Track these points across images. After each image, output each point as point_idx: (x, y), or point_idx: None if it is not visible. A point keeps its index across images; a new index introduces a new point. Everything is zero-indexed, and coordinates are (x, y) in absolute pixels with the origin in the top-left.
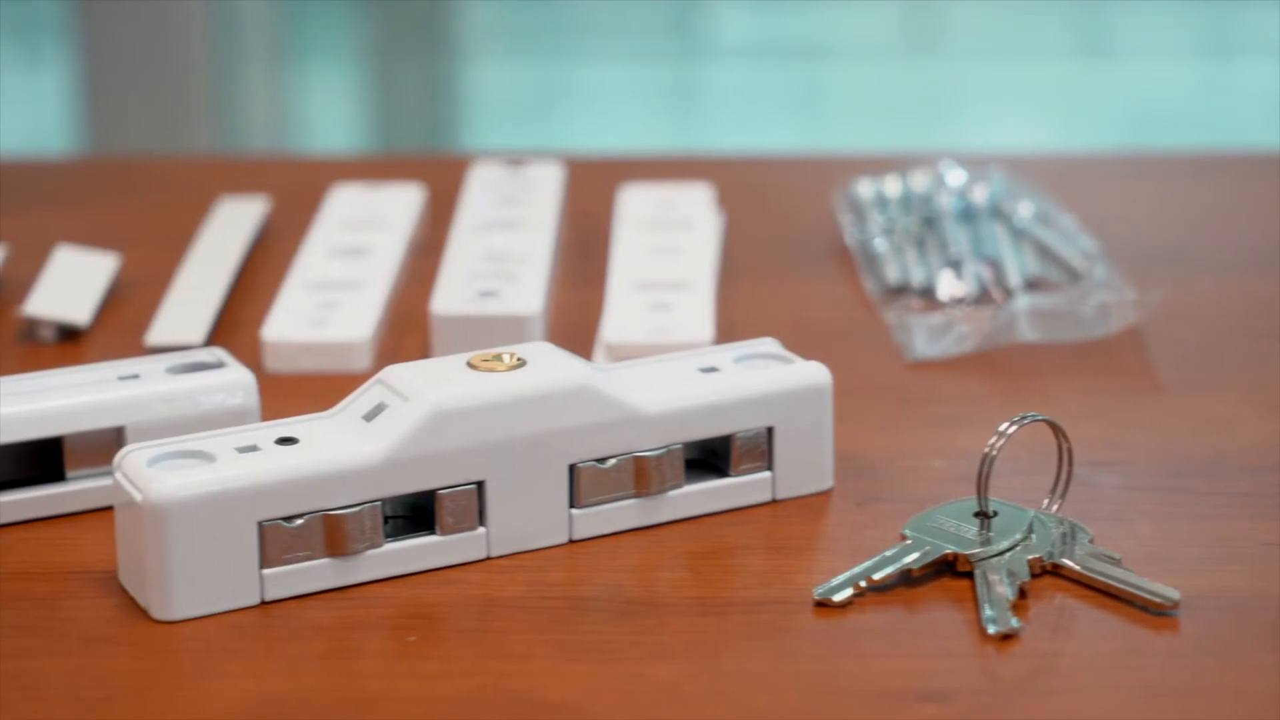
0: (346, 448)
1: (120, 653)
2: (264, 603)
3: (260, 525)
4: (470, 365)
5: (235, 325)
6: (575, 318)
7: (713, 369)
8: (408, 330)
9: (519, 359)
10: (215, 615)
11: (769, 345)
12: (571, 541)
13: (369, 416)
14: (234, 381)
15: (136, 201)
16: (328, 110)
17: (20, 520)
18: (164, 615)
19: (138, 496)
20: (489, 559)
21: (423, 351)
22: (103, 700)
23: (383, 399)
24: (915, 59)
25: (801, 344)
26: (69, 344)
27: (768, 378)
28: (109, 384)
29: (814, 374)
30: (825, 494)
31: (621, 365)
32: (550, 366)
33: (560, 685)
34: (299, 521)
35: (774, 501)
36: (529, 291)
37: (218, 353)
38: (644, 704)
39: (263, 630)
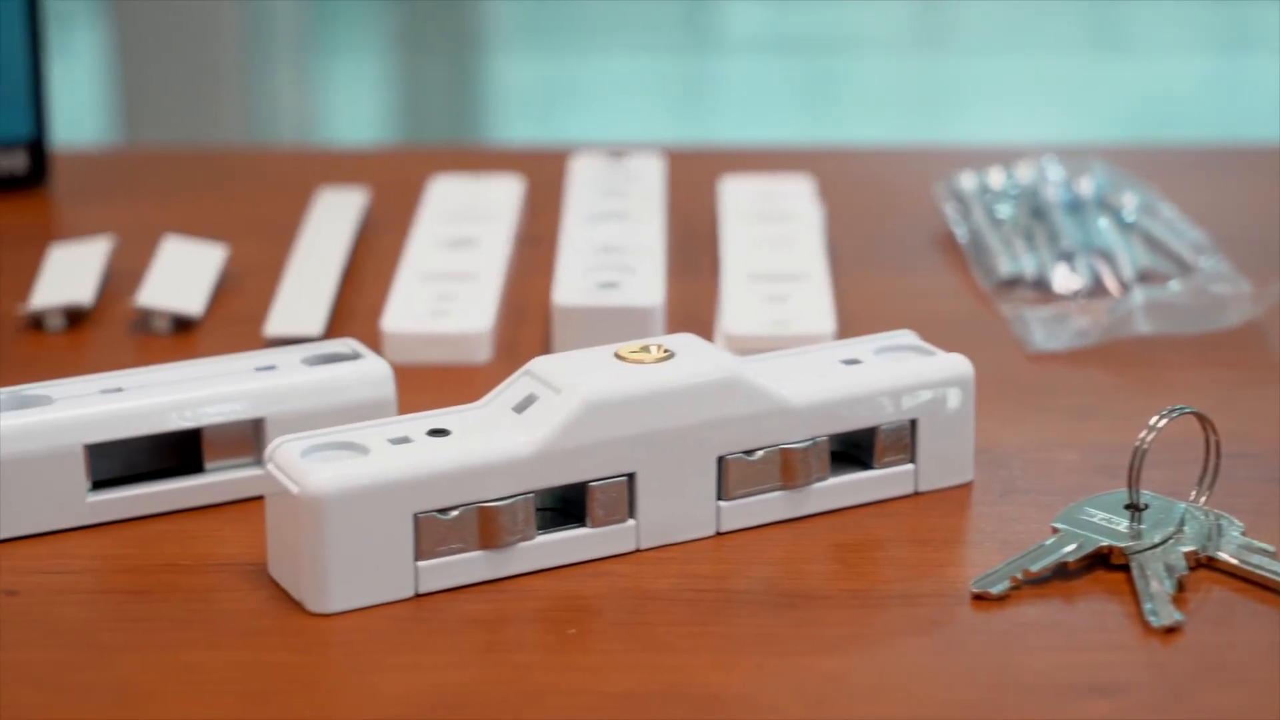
0: (499, 439)
1: (279, 645)
2: (418, 595)
3: (415, 517)
4: (618, 357)
5: (349, 316)
6: (689, 309)
7: (854, 361)
8: (523, 321)
9: (666, 350)
10: (370, 608)
11: (907, 337)
12: (719, 534)
13: (519, 408)
14: (372, 373)
15: (225, 192)
16: (353, 102)
17: (160, 512)
18: (319, 608)
19: (294, 489)
20: (638, 551)
21: (541, 343)
22: (267, 693)
23: (532, 390)
24: (926, 53)
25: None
26: (182, 335)
27: (911, 370)
28: (247, 375)
29: (956, 366)
30: (965, 486)
31: (764, 357)
32: (698, 358)
33: (725, 679)
34: (454, 514)
35: (916, 494)
36: (649, 283)
37: (352, 343)
38: (813, 698)
39: (419, 623)
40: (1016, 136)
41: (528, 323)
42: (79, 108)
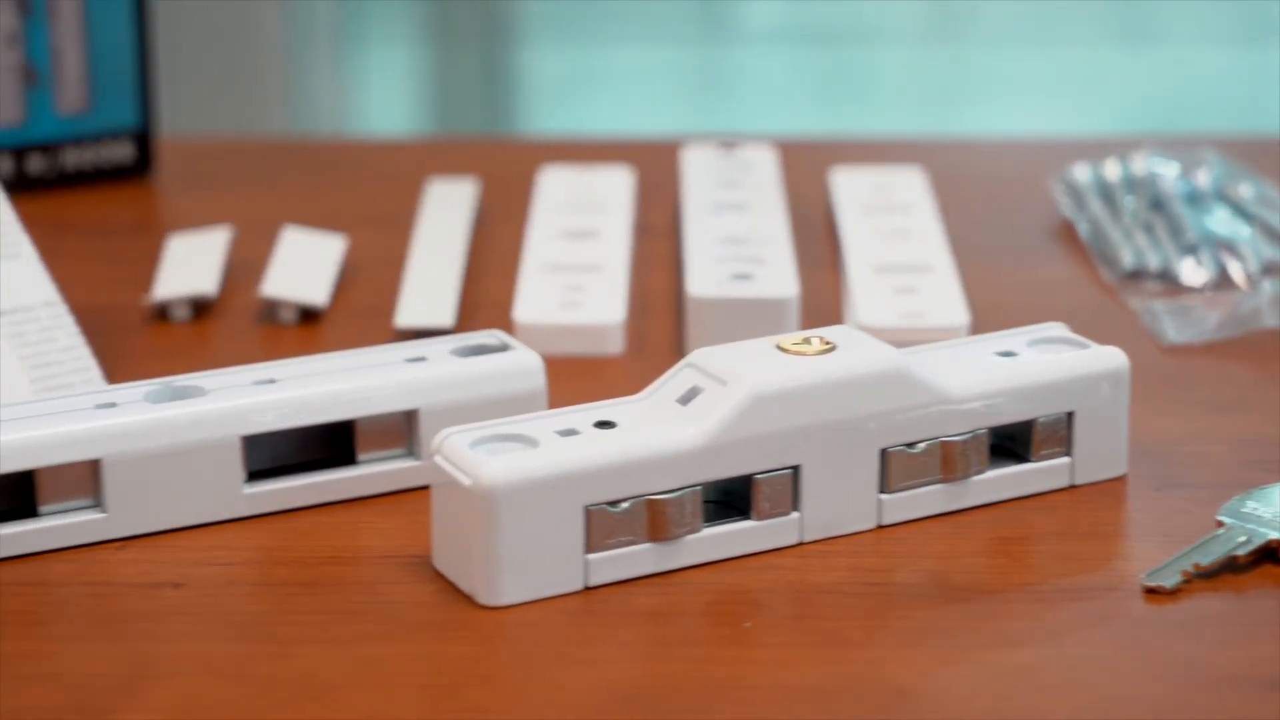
0: (667, 432)
1: (454, 638)
2: (587, 588)
3: (586, 510)
4: (780, 349)
5: (475, 307)
6: (815, 300)
7: (1009, 354)
8: (651, 312)
9: (827, 342)
10: (539, 601)
11: (1058, 329)
12: (879, 527)
13: (684, 400)
14: (523, 364)
15: (326, 182)
16: (385, 93)
17: (314, 504)
18: (491, 601)
19: (466, 481)
20: (800, 544)
21: (671, 334)
22: (450, 687)
23: (696, 382)
24: (945, 44)
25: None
26: (308, 326)
27: (1068, 362)
28: (399, 367)
29: (1112, 358)
30: (1120, 479)
31: (920, 349)
32: (861, 350)
33: (909, 673)
34: (624, 506)
35: (1071, 487)
36: (783, 274)
37: (500, 335)
38: (1000, 693)
39: (590, 616)
40: (1041, 128)
41: (654, 314)
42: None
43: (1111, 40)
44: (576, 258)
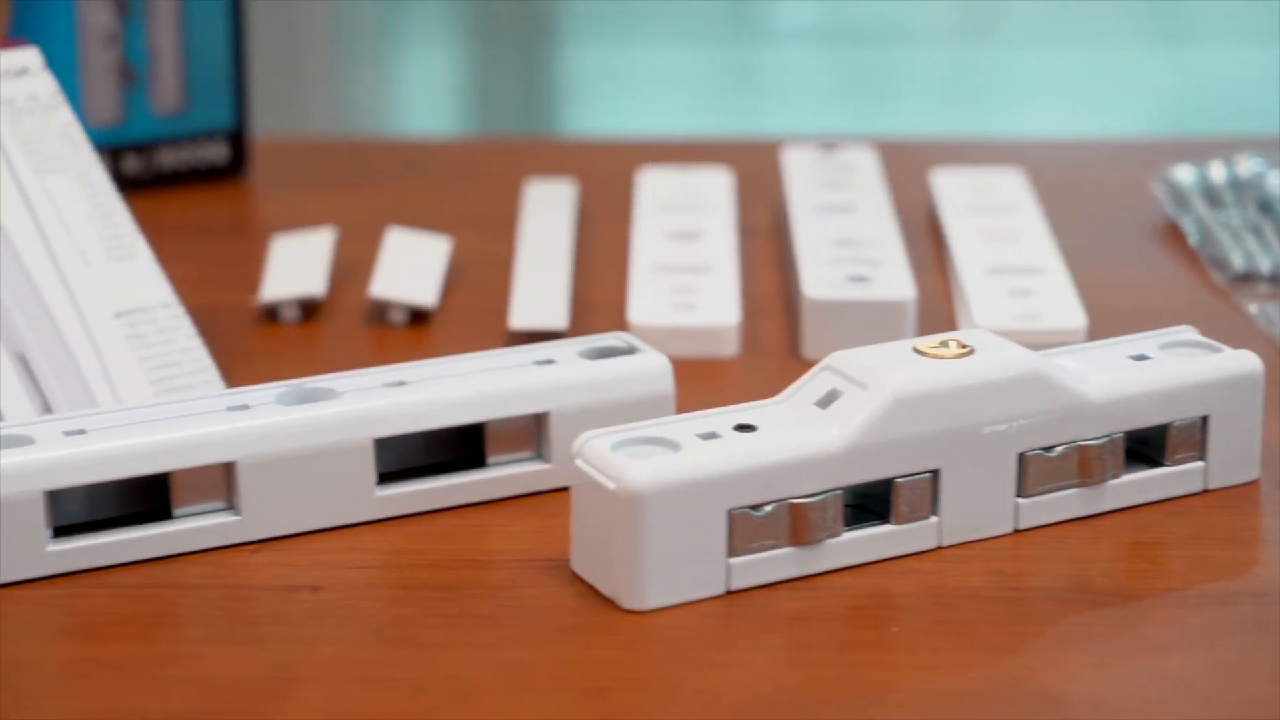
0: (808, 435)
1: (599, 643)
2: (728, 592)
3: (729, 513)
4: (918, 351)
5: (583, 309)
6: (925, 302)
7: (1142, 357)
8: (761, 314)
9: (964, 346)
10: (682, 605)
11: (1188, 333)
12: (1016, 531)
13: (823, 403)
14: (652, 367)
15: (420, 182)
16: (424, 92)
17: (443, 507)
18: (635, 604)
19: (610, 485)
20: (938, 549)
21: (785, 336)
22: (599, 691)
23: (835, 385)
24: (975, 43)
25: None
26: (419, 327)
27: (1202, 366)
28: (528, 370)
29: (1246, 362)
30: (1252, 484)
31: (1053, 353)
32: (999, 353)
33: (1059, 678)
34: (766, 509)
35: (1205, 491)
36: (899, 276)
37: (626, 337)
38: (1156, 699)
39: (734, 620)
40: (1073, 128)
41: (763, 315)
42: None
43: (1143, 40)
44: (684, 259)
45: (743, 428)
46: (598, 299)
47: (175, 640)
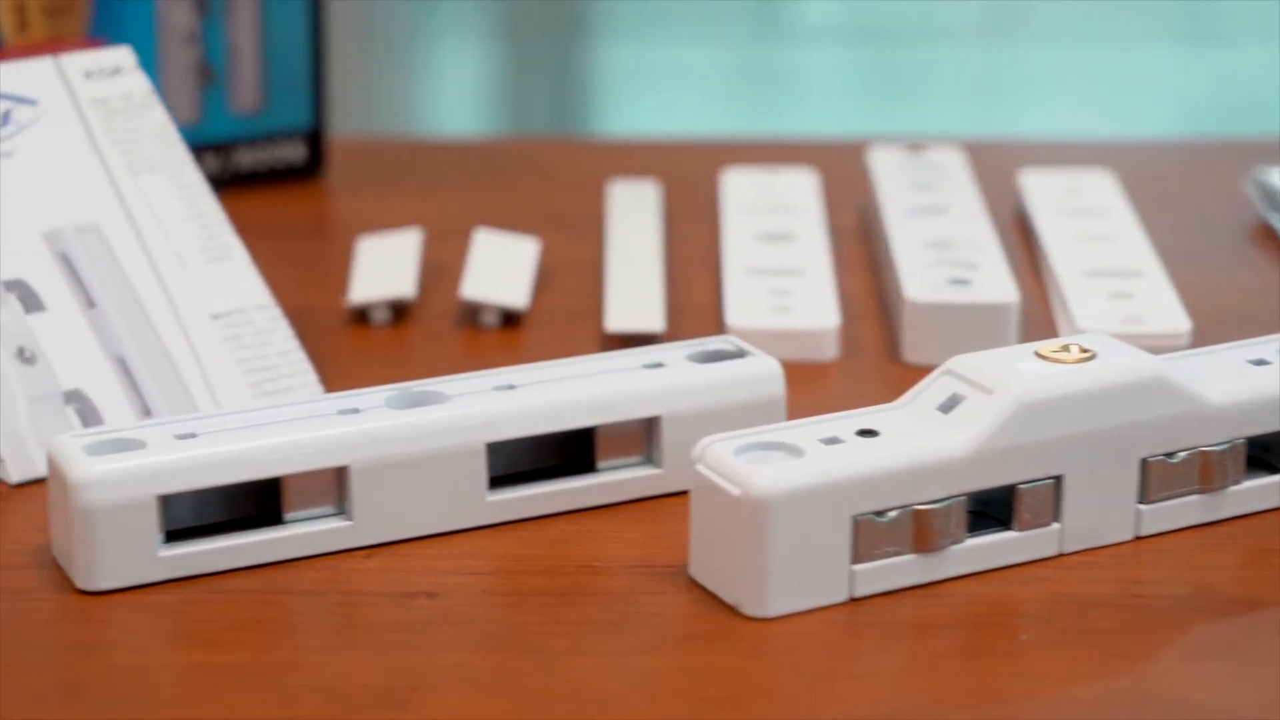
0: (932, 440)
1: (724, 650)
2: (851, 599)
3: (854, 520)
4: (1039, 355)
5: (677, 310)
6: (1023, 305)
7: (1262, 361)
8: (856, 316)
9: (1086, 350)
10: (805, 613)
11: None
12: (1137, 538)
13: (945, 408)
14: (763, 371)
15: (499, 183)
16: (454, 92)
17: (553, 512)
18: (758, 612)
19: (734, 490)
20: (1059, 556)
21: (883, 339)
22: (731, 699)
23: (957, 390)
24: (1000, 43)
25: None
26: (511, 329)
27: None
28: (638, 374)
29: None
30: None
31: (1172, 357)
32: (1122, 357)
33: (1197, 687)
34: (891, 516)
35: None
36: (1000, 279)
37: (734, 340)
38: None
39: (860, 628)
40: (1101, 128)
41: (858, 317)
42: None
43: (1170, 40)
44: (777, 261)
45: (865, 433)
46: (689, 301)
47: (295, 647)
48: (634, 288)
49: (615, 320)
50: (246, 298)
